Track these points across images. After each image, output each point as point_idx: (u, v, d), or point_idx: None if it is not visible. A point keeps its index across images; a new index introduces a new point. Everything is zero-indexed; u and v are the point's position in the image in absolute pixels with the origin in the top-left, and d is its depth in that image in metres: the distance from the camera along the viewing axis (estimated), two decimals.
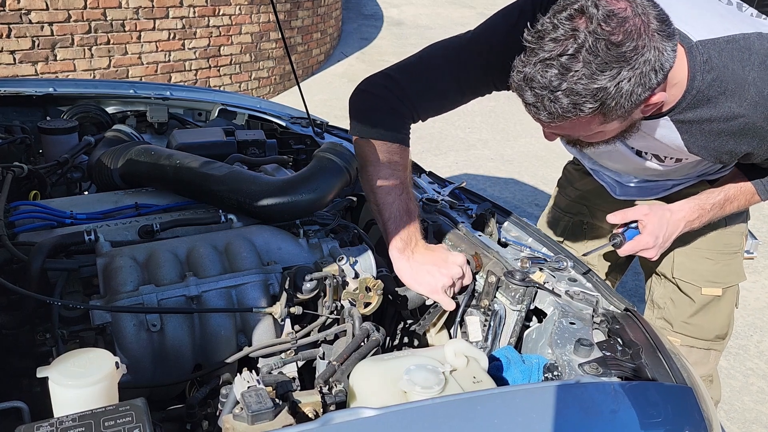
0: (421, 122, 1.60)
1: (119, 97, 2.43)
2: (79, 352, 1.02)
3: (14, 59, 4.58)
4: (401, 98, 1.52)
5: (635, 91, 1.18)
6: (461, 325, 1.43)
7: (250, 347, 1.30)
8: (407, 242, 1.46)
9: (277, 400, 1.02)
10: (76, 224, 1.50)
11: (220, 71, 6.06)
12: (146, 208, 1.59)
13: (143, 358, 1.23)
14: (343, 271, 1.41)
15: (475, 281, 1.48)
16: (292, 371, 1.31)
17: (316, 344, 1.36)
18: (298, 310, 1.33)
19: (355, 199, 1.91)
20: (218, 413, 1.22)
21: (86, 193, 1.95)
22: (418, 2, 11.24)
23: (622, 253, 1.62)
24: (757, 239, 1.99)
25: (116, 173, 1.73)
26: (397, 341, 1.66)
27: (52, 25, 4.72)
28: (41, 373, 0.97)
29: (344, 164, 1.64)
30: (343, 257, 1.42)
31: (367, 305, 1.40)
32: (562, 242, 2.10)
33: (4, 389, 1.16)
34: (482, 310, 1.42)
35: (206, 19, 5.76)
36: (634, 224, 1.60)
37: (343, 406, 1.13)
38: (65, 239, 1.37)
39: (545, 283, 1.40)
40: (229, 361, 1.28)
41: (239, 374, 1.07)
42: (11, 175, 1.65)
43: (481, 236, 1.62)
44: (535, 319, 1.43)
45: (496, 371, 1.23)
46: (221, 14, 5.89)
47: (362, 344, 1.25)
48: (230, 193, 1.54)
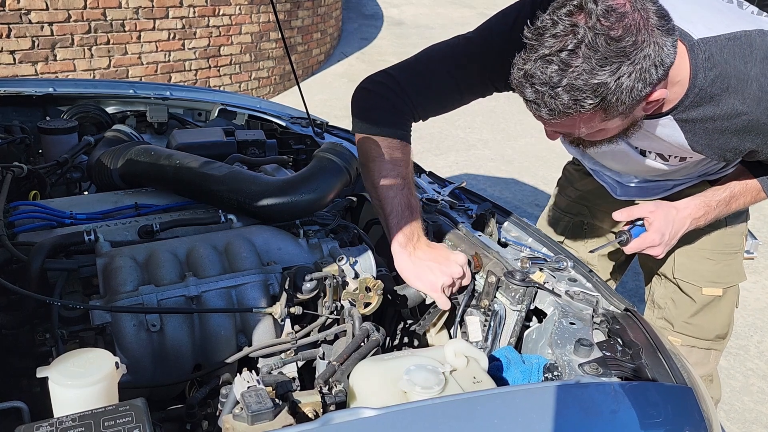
0: (422, 122, 1.60)
1: (119, 97, 2.42)
2: (78, 352, 1.02)
3: (14, 59, 4.57)
4: (402, 97, 1.53)
5: (636, 86, 1.18)
6: (461, 325, 1.43)
7: (250, 347, 1.30)
8: (410, 237, 1.46)
9: (277, 400, 1.02)
10: (75, 224, 1.50)
11: (220, 71, 6.05)
12: (146, 208, 1.60)
13: (143, 358, 1.23)
14: (343, 271, 1.41)
15: (474, 281, 1.48)
16: (292, 371, 1.31)
17: (316, 344, 1.36)
18: (298, 310, 1.33)
19: (355, 199, 1.91)
20: (218, 413, 1.22)
21: (86, 193, 1.95)
22: (418, 2, 11.23)
23: (628, 250, 1.60)
24: (757, 239, 1.99)
25: (116, 173, 1.74)
26: (397, 341, 1.66)
27: (52, 25, 4.71)
28: (41, 373, 0.97)
29: (344, 164, 1.64)
30: (343, 257, 1.42)
31: (367, 305, 1.40)
32: (562, 242, 2.10)
33: (4, 389, 1.16)
34: (482, 310, 1.42)
35: (206, 19, 5.76)
36: (639, 222, 1.59)
37: (343, 406, 1.13)
38: (65, 239, 1.37)
39: (545, 283, 1.40)
40: (229, 361, 1.28)
41: (239, 374, 1.06)
42: (11, 175, 1.65)
43: (481, 236, 1.62)
44: (535, 319, 1.43)
45: (496, 371, 1.23)
46: (221, 14, 5.88)
47: (362, 344, 1.25)
48: (230, 193, 1.54)
